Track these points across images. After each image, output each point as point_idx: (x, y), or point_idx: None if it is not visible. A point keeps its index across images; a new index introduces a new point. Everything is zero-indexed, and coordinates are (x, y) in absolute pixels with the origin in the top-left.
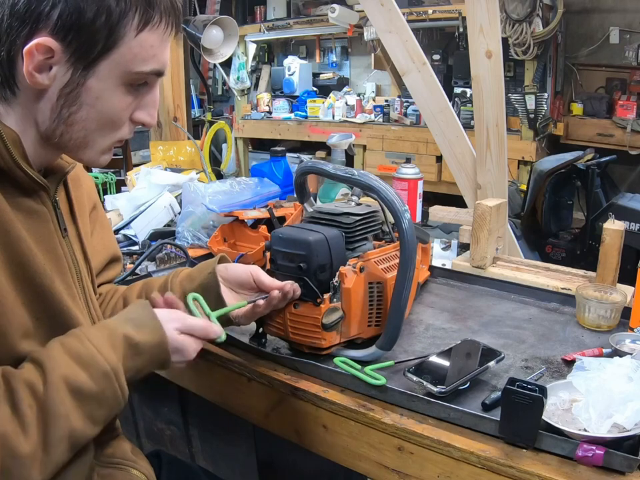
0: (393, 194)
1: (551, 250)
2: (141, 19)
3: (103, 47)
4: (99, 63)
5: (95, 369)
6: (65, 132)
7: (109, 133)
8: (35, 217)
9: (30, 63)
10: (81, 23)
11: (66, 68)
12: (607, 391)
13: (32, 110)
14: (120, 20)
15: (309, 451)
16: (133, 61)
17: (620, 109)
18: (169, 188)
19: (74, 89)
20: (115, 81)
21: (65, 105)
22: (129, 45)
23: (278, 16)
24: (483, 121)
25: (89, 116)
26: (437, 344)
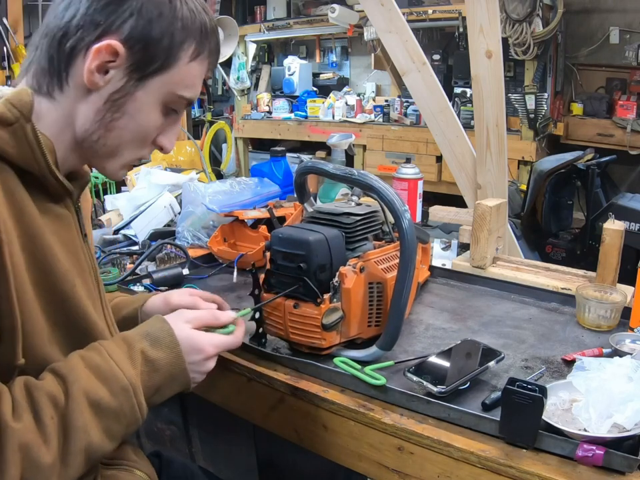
0: (392, 194)
1: (551, 250)
2: (195, 50)
3: (160, 65)
4: (151, 78)
5: (114, 384)
6: (101, 136)
7: (135, 148)
8: (60, 222)
9: (94, 61)
10: (148, 39)
11: (122, 75)
12: (607, 391)
13: (74, 110)
14: (180, 45)
15: (309, 451)
16: (179, 85)
17: (620, 109)
18: (169, 188)
19: (122, 97)
20: (158, 98)
21: (110, 110)
22: (180, 69)
23: (278, 16)
24: (483, 120)
25: (126, 125)
26: (437, 344)
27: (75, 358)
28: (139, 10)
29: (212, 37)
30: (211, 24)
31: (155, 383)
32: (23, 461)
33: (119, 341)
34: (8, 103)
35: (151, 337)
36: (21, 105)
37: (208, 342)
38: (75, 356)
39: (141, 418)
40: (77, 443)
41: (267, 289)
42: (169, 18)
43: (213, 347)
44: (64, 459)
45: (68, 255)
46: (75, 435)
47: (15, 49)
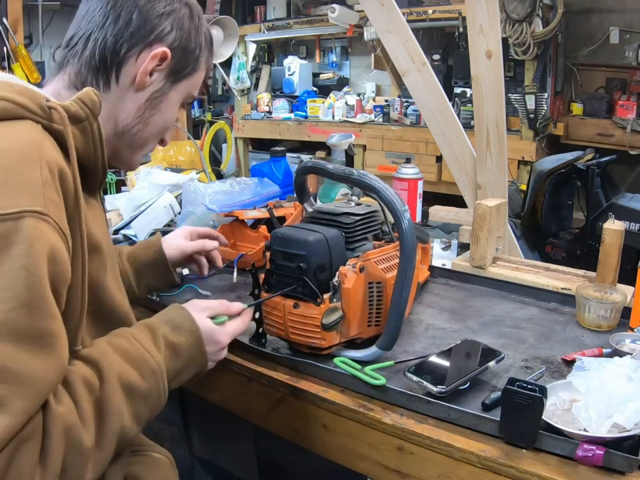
0: (392, 194)
1: (551, 250)
2: (207, 58)
3: (190, 70)
4: (182, 80)
5: (144, 367)
6: (140, 130)
7: (156, 141)
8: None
9: (150, 63)
10: (186, 47)
11: (162, 77)
12: (607, 391)
13: (118, 107)
14: (202, 54)
15: (309, 450)
16: (195, 86)
17: (620, 109)
18: (169, 188)
19: (160, 96)
20: (181, 97)
21: (150, 107)
22: (199, 74)
23: (278, 16)
24: (483, 120)
25: (158, 121)
26: (437, 344)
27: (102, 343)
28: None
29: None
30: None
31: (177, 367)
32: (66, 443)
33: (142, 327)
34: (80, 101)
35: (172, 323)
36: (91, 103)
37: (223, 333)
38: (102, 342)
39: (164, 402)
40: (113, 426)
41: (267, 288)
42: (198, 32)
43: (227, 337)
44: (100, 443)
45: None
46: (111, 419)
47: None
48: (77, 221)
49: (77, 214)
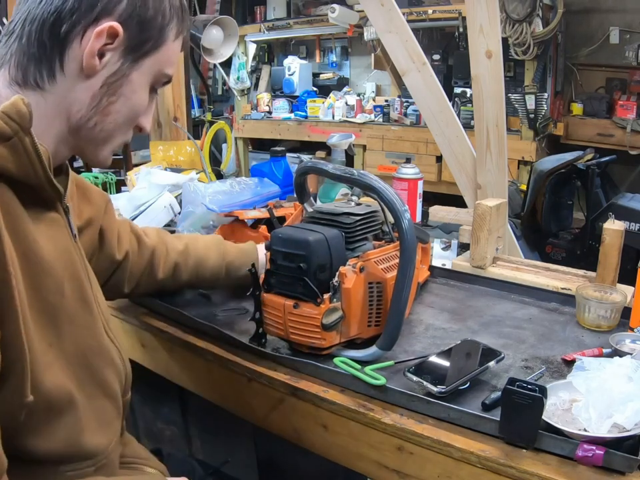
0: (392, 194)
1: (551, 250)
2: (178, 28)
3: (153, 44)
4: (145, 58)
5: None
6: (98, 122)
7: (125, 131)
8: (54, 227)
9: (96, 44)
10: (144, 18)
11: (118, 57)
12: (607, 391)
13: (68, 98)
14: (169, 24)
15: (309, 450)
16: (166, 63)
17: (620, 109)
18: (169, 188)
19: (118, 79)
20: (148, 78)
21: (107, 93)
22: (168, 47)
23: (278, 16)
24: (483, 121)
25: (122, 108)
26: (437, 344)
27: None
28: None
29: (187, 15)
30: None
31: None
32: None
33: None
34: (4, 115)
35: None
36: (19, 117)
37: None
38: None
39: None
40: None
41: (267, 289)
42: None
43: None
44: None
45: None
46: None
47: None
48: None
49: None
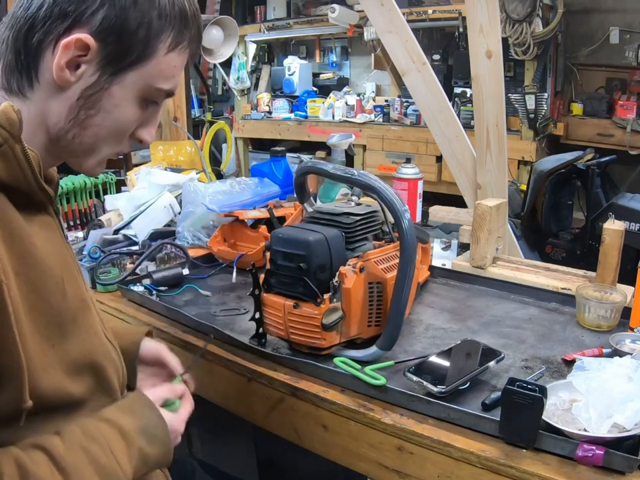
0: (392, 194)
1: (551, 250)
2: (174, 39)
3: (136, 58)
4: (127, 72)
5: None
6: (77, 135)
7: (113, 143)
8: (47, 228)
9: (63, 56)
10: (122, 29)
11: (94, 69)
12: (607, 391)
13: (46, 108)
14: (157, 36)
15: (309, 451)
16: (157, 77)
17: (620, 109)
18: (169, 188)
19: (96, 92)
20: (135, 93)
21: (84, 106)
22: (158, 61)
23: (278, 16)
24: (483, 121)
25: (103, 122)
26: (437, 344)
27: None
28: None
29: (192, 24)
30: (191, 9)
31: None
32: None
33: (117, 435)
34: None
35: (147, 434)
36: (9, 124)
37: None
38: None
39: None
40: None
41: (267, 289)
42: (144, 6)
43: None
44: None
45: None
46: None
47: None
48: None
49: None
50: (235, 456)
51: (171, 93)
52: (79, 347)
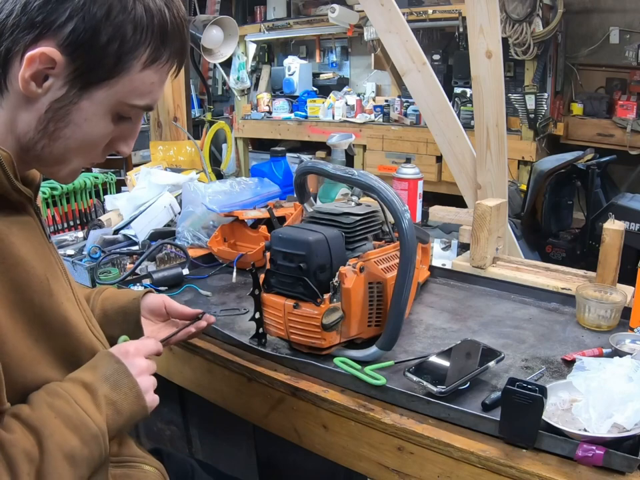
0: (392, 194)
1: (551, 250)
2: (150, 55)
3: (107, 73)
4: (97, 87)
5: (85, 433)
6: (46, 145)
7: (85, 154)
8: (27, 229)
9: (28, 70)
10: (92, 44)
11: (62, 82)
12: (607, 391)
13: (16, 116)
14: (131, 51)
15: (309, 451)
16: (131, 94)
17: (620, 109)
18: (169, 188)
19: (65, 106)
20: (106, 108)
21: (53, 119)
22: (132, 77)
23: (278, 16)
24: (483, 121)
25: (73, 135)
26: (437, 344)
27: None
28: (81, 10)
29: (174, 39)
30: (174, 22)
31: (119, 424)
32: None
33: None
34: None
35: (110, 381)
36: None
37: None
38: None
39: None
40: None
41: (267, 289)
42: (117, 20)
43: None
44: None
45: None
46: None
47: None
48: None
49: None
50: (235, 456)
51: (149, 108)
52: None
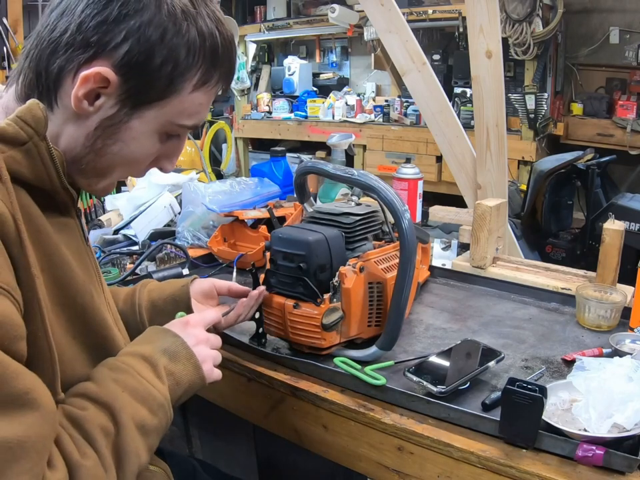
0: (393, 194)
1: (551, 250)
2: (201, 78)
3: (158, 94)
4: (148, 107)
5: (153, 403)
6: (91, 160)
7: (128, 170)
8: (68, 231)
9: (82, 88)
10: (146, 65)
11: (114, 102)
12: (607, 391)
13: (63, 131)
14: (183, 74)
15: (309, 451)
16: (180, 114)
17: (620, 109)
18: (169, 188)
19: (115, 124)
20: (155, 127)
21: (102, 136)
22: (182, 98)
23: (278, 16)
24: (483, 121)
25: (120, 152)
26: (437, 344)
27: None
28: (137, 32)
29: (223, 61)
30: (224, 45)
31: (179, 394)
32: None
33: (140, 359)
34: (20, 120)
35: (169, 353)
36: (34, 121)
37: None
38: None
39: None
40: (132, 467)
41: (267, 289)
42: (171, 43)
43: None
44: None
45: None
46: (130, 461)
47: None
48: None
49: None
50: (235, 456)
51: (196, 127)
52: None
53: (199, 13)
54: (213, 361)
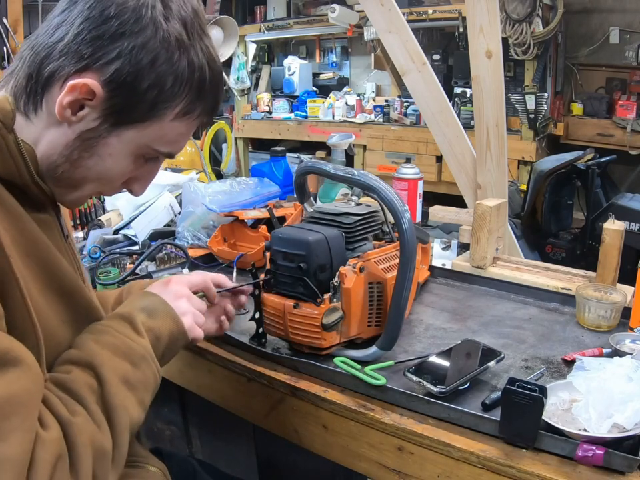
0: (392, 194)
1: (551, 250)
2: (183, 108)
3: (140, 116)
4: (128, 127)
5: (134, 356)
6: (66, 170)
7: (99, 186)
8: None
9: (68, 96)
10: (133, 87)
11: (97, 115)
12: (607, 391)
13: (43, 137)
14: (167, 101)
15: (309, 451)
16: (158, 140)
17: (620, 109)
18: (169, 188)
19: (94, 138)
20: (131, 148)
21: (79, 147)
22: (162, 125)
23: (278, 16)
24: (483, 121)
25: (94, 166)
26: (437, 344)
27: (88, 342)
28: (130, 53)
29: (208, 96)
30: (212, 80)
31: (161, 350)
32: (93, 452)
33: (118, 319)
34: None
35: (147, 310)
36: (1, 114)
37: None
38: (87, 341)
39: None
40: (122, 421)
41: (267, 289)
42: (161, 69)
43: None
44: (115, 441)
45: None
46: (119, 415)
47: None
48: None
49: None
50: (235, 456)
51: (171, 156)
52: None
53: (192, 45)
54: (193, 317)
